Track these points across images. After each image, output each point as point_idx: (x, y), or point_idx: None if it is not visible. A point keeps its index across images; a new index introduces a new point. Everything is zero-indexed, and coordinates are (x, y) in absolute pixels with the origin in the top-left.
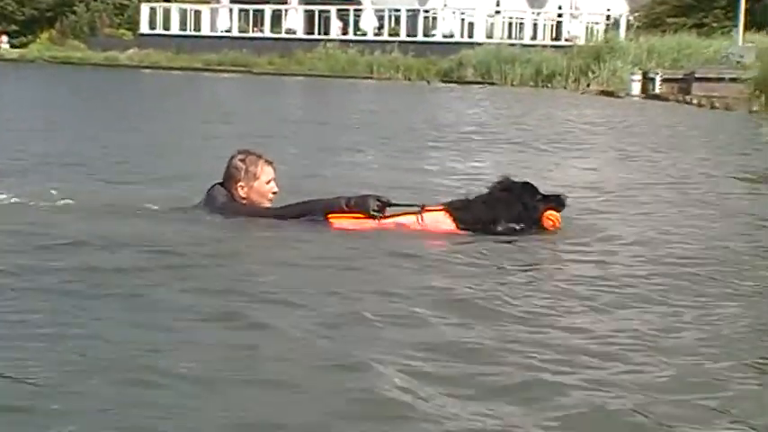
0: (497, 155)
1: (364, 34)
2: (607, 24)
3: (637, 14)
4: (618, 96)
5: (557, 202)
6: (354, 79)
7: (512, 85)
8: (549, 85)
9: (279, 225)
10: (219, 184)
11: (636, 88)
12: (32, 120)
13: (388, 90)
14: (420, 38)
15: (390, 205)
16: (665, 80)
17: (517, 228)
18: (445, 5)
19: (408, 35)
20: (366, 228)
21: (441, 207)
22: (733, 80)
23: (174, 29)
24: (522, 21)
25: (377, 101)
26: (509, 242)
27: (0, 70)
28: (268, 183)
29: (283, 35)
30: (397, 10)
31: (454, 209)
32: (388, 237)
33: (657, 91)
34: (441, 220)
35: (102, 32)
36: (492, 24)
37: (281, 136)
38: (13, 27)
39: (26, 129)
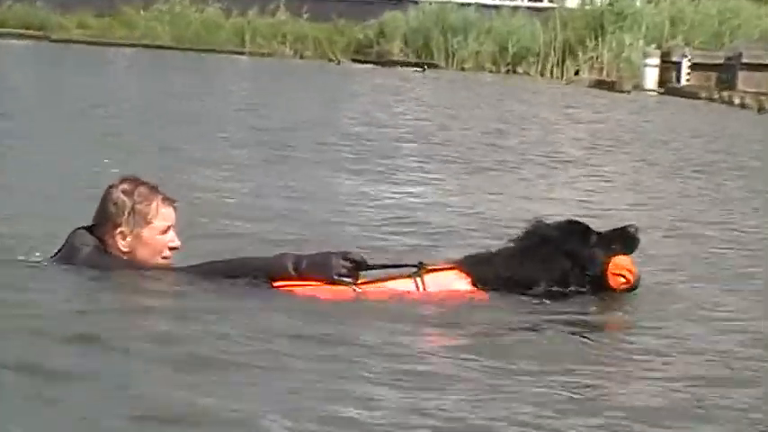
0: (443, 177)
1: None
2: None
3: None
4: (622, 91)
5: (624, 242)
6: (216, 54)
7: (462, 68)
8: (519, 69)
9: (193, 290)
10: (86, 228)
11: (651, 78)
12: None
13: (271, 72)
14: None
15: (366, 268)
16: (695, 66)
17: (566, 291)
18: None
19: None
20: (338, 297)
21: (450, 265)
22: None
23: None
24: None
25: (253, 91)
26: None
27: None
28: (165, 232)
29: None
30: None
31: (470, 265)
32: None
33: (684, 83)
34: (451, 281)
35: None
36: None
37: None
38: None
39: None
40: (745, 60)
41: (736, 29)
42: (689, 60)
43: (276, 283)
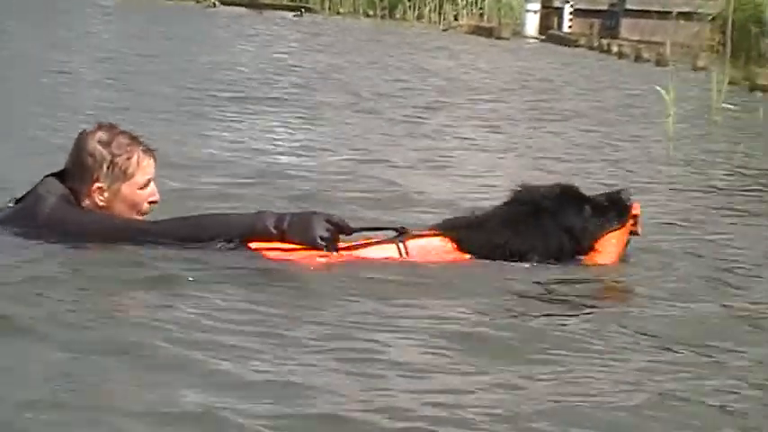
0: (316, 123)
1: None
2: None
3: None
4: (501, 37)
5: (618, 210)
6: None
7: (338, 13)
8: (396, 14)
9: (169, 253)
10: (54, 175)
11: (532, 24)
12: None
13: (138, 16)
14: None
15: (347, 232)
16: (578, 12)
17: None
18: None
19: None
20: (317, 264)
21: (434, 231)
22: (686, 16)
23: None
24: None
25: (122, 37)
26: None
27: None
28: (145, 186)
29: None
30: None
31: (456, 229)
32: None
33: (566, 30)
34: (435, 248)
35: None
36: None
37: None
38: None
39: None
40: (628, 6)
41: None
42: (571, 6)
43: (253, 244)
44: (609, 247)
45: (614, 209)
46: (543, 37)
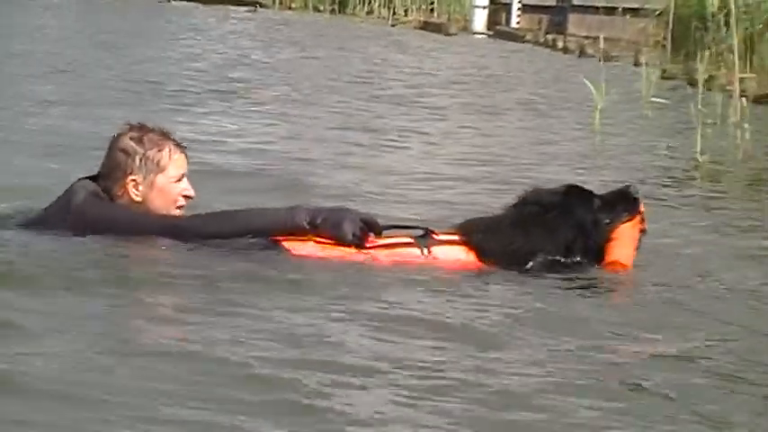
0: (256, 117)
1: None
2: None
3: None
4: (449, 33)
5: (627, 204)
6: None
7: (289, 8)
8: (347, 9)
9: (201, 249)
10: (89, 178)
11: (480, 20)
12: None
13: (88, 8)
14: None
15: (378, 230)
16: (526, 8)
17: (569, 261)
18: None
19: None
20: (345, 259)
21: (457, 238)
22: (633, 12)
23: None
24: None
25: (72, 29)
26: None
27: None
28: (179, 180)
29: None
30: None
31: (475, 235)
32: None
33: (514, 26)
34: (454, 256)
35: None
36: None
37: None
38: None
39: None
40: (575, 2)
41: None
42: (519, 2)
43: (284, 238)
44: (625, 239)
45: (622, 202)
46: (491, 33)
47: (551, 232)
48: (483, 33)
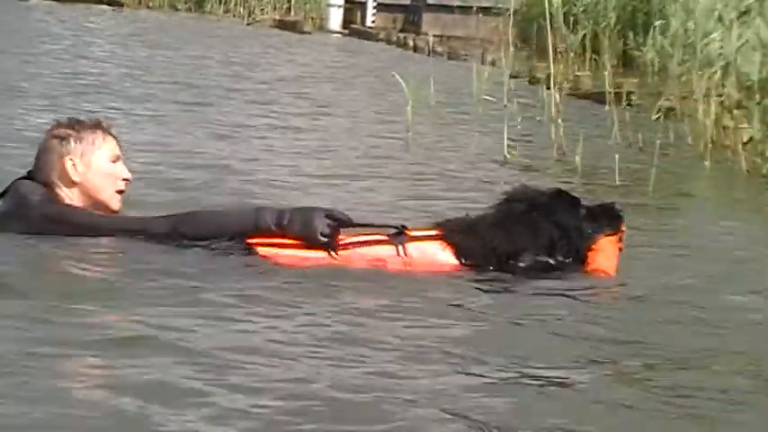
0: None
1: None
2: None
3: None
4: (303, 32)
5: (610, 219)
6: None
7: (148, 6)
8: (206, 8)
9: (163, 251)
10: (25, 177)
11: (335, 19)
12: None
13: None
14: None
15: (348, 226)
16: (382, 7)
17: (552, 262)
18: None
19: None
20: (315, 263)
21: (434, 233)
22: (485, 11)
23: None
24: None
25: None
26: None
27: None
28: (114, 161)
29: None
30: None
31: (452, 233)
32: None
33: (370, 24)
34: (433, 252)
35: None
36: None
37: None
38: None
39: None
40: (430, 2)
41: None
42: (374, 1)
43: (251, 240)
44: (607, 251)
45: (606, 216)
46: (347, 31)
47: (534, 232)
48: (338, 32)
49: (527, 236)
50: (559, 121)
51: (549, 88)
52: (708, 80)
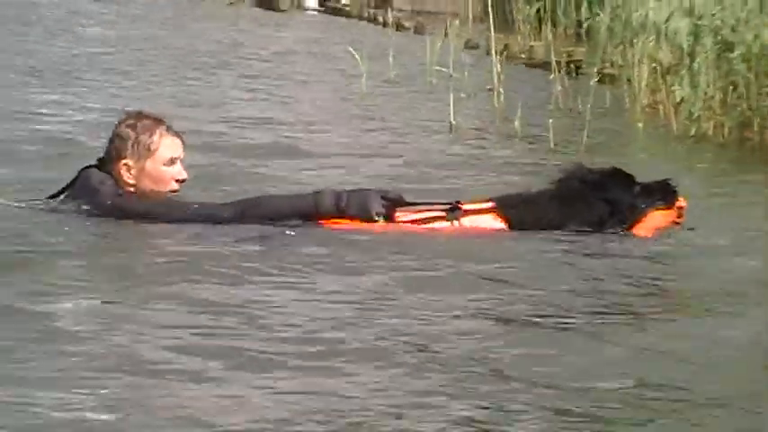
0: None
1: None
2: None
3: None
4: (279, 9)
5: (665, 195)
6: None
7: None
8: None
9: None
10: (94, 166)
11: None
12: None
13: None
14: None
15: (402, 205)
16: None
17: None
18: None
19: None
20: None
21: (488, 206)
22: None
23: None
24: None
25: None
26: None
27: None
28: (171, 163)
29: None
30: None
31: (508, 207)
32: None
33: (344, 2)
34: (488, 224)
35: None
36: None
37: None
38: None
39: None
40: None
41: None
42: None
43: (315, 221)
44: (651, 223)
45: (661, 191)
46: (322, 9)
47: (586, 208)
48: (315, 9)
49: (578, 211)
50: (500, 89)
51: (509, 58)
52: (642, 47)
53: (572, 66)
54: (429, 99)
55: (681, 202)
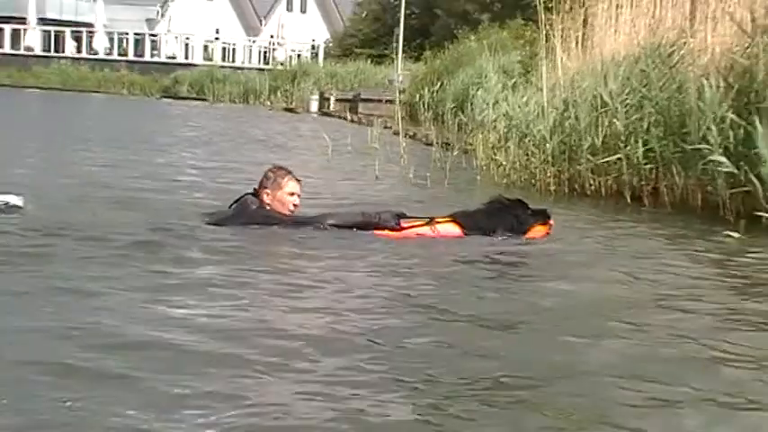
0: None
1: (96, 53)
2: (312, 52)
3: (331, 44)
4: (296, 112)
5: (542, 217)
6: (85, 93)
7: (219, 101)
8: (252, 101)
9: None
10: (251, 192)
11: (314, 106)
12: None
13: (115, 104)
14: (146, 58)
15: (404, 217)
16: (338, 100)
17: (509, 236)
18: (169, 30)
19: (136, 55)
20: (399, 237)
21: (449, 218)
22: (390, 101)
23: None
24: (235, 46)
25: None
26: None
27: None
28: (291, 195)
29: (22, 52)
30: (126, 33)
31: (460, 218)
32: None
33: (332, 108)
34: (450, 230)
35: None
36: (211, 49)
37: None
38: None
39: None
40: (363, 96)
41: (362, 79)
42: (334, 96)
43: (378, 231)
44: (535, 232)
45: (541, 214)
46: (320, 113)
47: (503, 219)
48: (315, 113)
49: (501, 222)
50: (404, 156)
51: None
52: (481, 135)
53: (446, 144)
54: (365, 160)
55: (551, 222)
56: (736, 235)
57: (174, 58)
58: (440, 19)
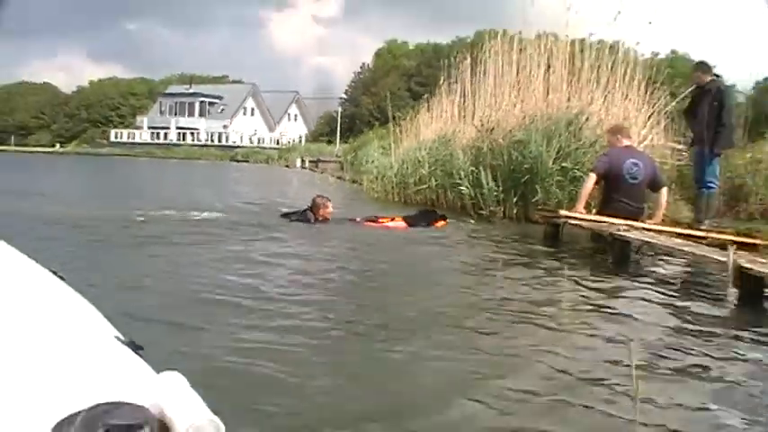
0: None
1: (200, 141)
2: (299, 139)
3: (308, 135)
4: (289, 167)
5: (443, 216)
6: (194, 160)
7: (255, 163)
8: (269, 163)
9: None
10: (308, 208)
11: (298, 164)
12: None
13: (209, 164)
14: (222, 143)
15: (379, 217)
16: (310, 161)
17: (427, 226)
18: (233, 130)
19: (218, 142)
20: (378, 226)
21: (401, 217)
22: (334, 162)
23: None
24: (263, 137)
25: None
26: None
27: None
28: (327, 208)
29: (166, 141)
30: (214, 132)
31: (406, 217)
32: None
33: (307, 166)
34: (401, 224)
35: None
36: (250, 138)
37: None
38: None
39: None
40: (322, 159)
41: (321, 152)
42: (308, 159)
43: (367, 223)
44: (440, 224)
45: (441, 216)
46: (302, 167)
47: (426, 218)
48: (298, 167)
49: (424, 218)
50: (334, 185)
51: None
52: (369, 174)
53: (353, 181)
54: (319, 188)
55: (447, 220)
56: (471, 222)
57: (235, 143)
58: (359, 119)
